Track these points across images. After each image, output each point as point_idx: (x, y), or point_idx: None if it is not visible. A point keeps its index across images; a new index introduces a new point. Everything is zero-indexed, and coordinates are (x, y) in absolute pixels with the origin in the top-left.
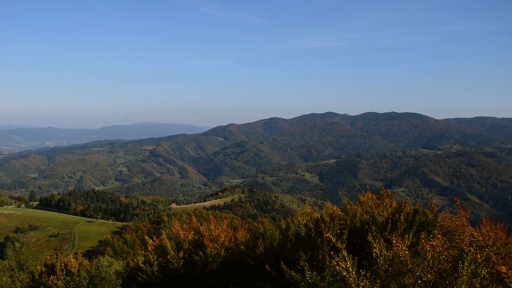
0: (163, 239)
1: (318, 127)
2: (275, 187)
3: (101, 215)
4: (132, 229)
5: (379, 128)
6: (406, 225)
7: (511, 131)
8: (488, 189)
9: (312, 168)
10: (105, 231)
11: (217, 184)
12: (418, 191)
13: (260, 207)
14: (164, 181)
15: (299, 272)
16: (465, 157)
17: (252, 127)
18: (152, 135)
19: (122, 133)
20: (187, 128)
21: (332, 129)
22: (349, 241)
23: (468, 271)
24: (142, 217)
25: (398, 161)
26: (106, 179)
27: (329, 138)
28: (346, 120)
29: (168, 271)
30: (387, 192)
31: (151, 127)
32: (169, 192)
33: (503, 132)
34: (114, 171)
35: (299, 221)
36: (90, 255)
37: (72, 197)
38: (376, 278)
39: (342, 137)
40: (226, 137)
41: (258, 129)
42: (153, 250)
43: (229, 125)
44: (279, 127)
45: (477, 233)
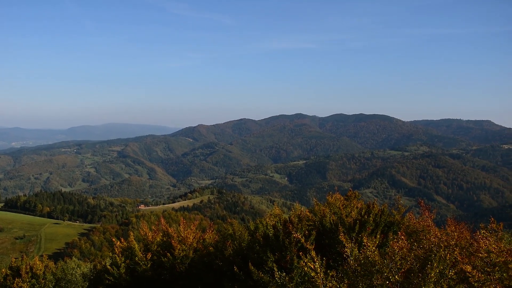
0: (131, 241)
1: (288, 129)
2: (244, 188)
3: (68, 216)
4: (100, 230)
5: (348, 130)
6: (374, 225)
7: (476, 133)
8: (454, 190)
9: (281, 169)
10: (72, 233)
11: (186, 185)
12: (386, 192)
13: (229, 208)
14: (132, 182)
15: (268, 273)
16: (431, 158)
17: (221, 128)
18: (121, 136)
19: (90, 134)
20: (156, 129)
21: (301, 131)
22: (317, 242)
23: (436, 271)
24: (110, 218)
25: (366, 162)
26: (73, 180)
27: (298, 139)
28: (315, 121)
29: (136, 273)
30: (355, 193)
31: (119, 128)
32: (137, 193)
33: (469, 134)
34: (81, 172)
35: (267, 222)
36: (57, 257)
37: (38, 199)
38: (345, 278)
39: (311, 138)
40: (195, 138)
41: (227, 130)
42: (121, 252)
43: (199, 126)
44: (249, 128)
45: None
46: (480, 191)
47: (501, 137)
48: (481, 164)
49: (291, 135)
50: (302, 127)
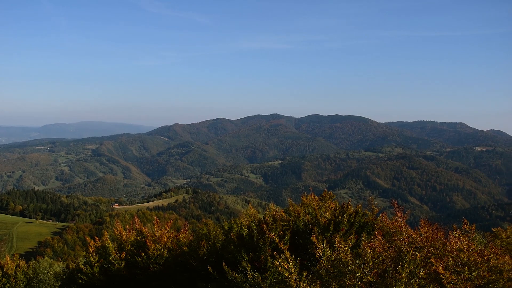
0: (105, 240)
1: (263, 129)
2: (219, 188)
3: (41, 215)
4: (73, 229)
5: (323, 131)
6: (348, 226)
7: (450, 135)
8: (427, 191)
9: (257, 169)
10: (45, 232)
11: (161, 185)
12: (360, 193)
13: (204, 208)
14: (107, 181)
15: (242, 273)
16: (406, 160)
17: (197, 127)
18: (95, 134)
19: (64, 132)
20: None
21: (277, 131)
22: (292, 242)
23: (407, 271)
24: (84, 217)
25: (341, 163)
26: (47, 178)
27: (274, 139)
28: (291, 122)
29: (110, 273)
30: (330, 194)
31: (94, 126)
32: (112, 192)
33: (443, 136)
34: (55, 171)
35: (242, 222)
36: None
37: (10, 197)
38: (318, 278)
39: (287, 138)
40: (171, 137)
41: (203, 129)
42: (94, 251)
43: (174, 125)
44: (225, 128)
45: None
46: (453, 193)
47: (474, 140)
48: (454, 166)
49: (267, 135)
50: (278, 127)
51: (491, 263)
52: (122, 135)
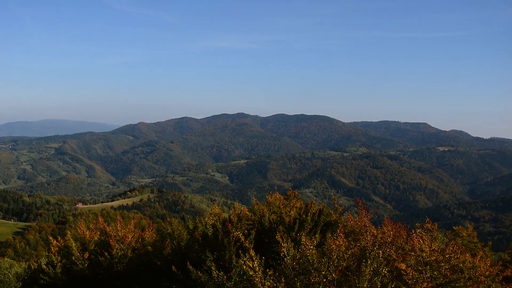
0: (68, 240)
1: (229, 128)
2: (185, 187)
3: (1, 215)
4: (36, 229)
5: (289, 130)
6: (312, 225)
7: (413, 135)
8: (391, 190)
9: (223, 169)
10: (6, 232)
11: (125, 184)
12: (325, 192)
13: (170, 207)
14: (70, 180)
15: (206, 272)
16: (370, 159)
17: (162, 126)
18: (59, 133)
19: (26, 130)
20: (96, 126)
21: (243, 130)
22: (257, 241)
23: (370, 269)
24: (46, 217)
25: (306, 163)
26: (8, 177)
27: (240, 138)
28: (257, 121)
29: (73, 273)
30: (294, 193)
31: (57, 124)
32: (75, 191)
33: (406, 135)
34: (17, 169)
35: (206, 222)
36: None
37: None
38: (283, 277)
39: (252, 138)
40: (136, 136)
41: (168, 128)
42: (57, 251)
43: (139, 123)
44: (190, 126)
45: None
46: (416, 192)
47: (437, 139)
48: (417, 166)
49: (232, 134)
50: (244, 126)
51: (452, 261)
52: (86, 134)
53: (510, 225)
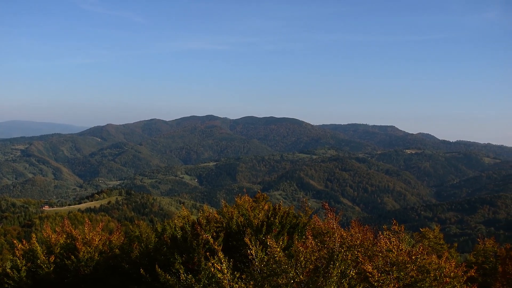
0: (33, 243)
1: (198, 130)
2: (153, 190)
3: None
4: (1, 232)
5: (258, 132)
6: (280, 227)
7: (381, 138)
8: (359, 192)
9: (192, 171)
10: None
11: (93, 186)
12: (294, 194)
13: (138, 210)
14: (36, 182)
15: (174, 275)
16: (339, 162)
17: (131, 128)
18: (25, 134)
19: None
20: (63, 128)
21: (212, 132)
22: (225, 243)
23: (338, 271)
24: (12, 220)
25: (276, 165)
26: None
27: (209, 141)
28: (226, 123)
29: (38, 277)
30: (263, 195)
31: (24, 126)
32: (42, 194)
33: (374, 138)
34: None
35: (175, 224)
36: None
37: None
38: (251, 279)
39: (222, 140)
40: (103, 138)
41: (137, 130)
42: (22, 254)
43: (107, 125)
44: (159, 128)
45: (346, 234)
46: (384, 194)
47: (404, 142)
48: (385, 168)
49: (202, 136)
50: (213, 128)
51: (418, 262)
52: (53, 135)
53: (476, 226)
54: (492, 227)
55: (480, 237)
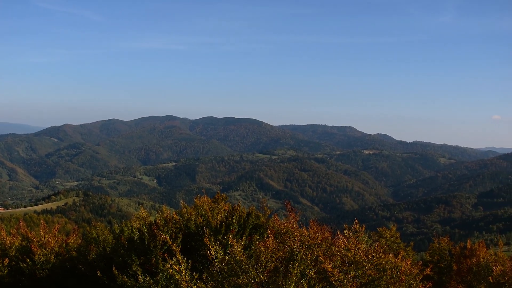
0: None
1: (157, 130)
2: (111, 191)
3: None
4: None
5: (218, 133)
6: (239, 228)
7: (340, 139)
8: (318, 192)
9: (151, 171)
10: None
11: (50, 187)
12: (254, 195)
13: (96, 211)
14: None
15: (132, 277)
16: (298, 162)
17: (88, 128)
18: None
19: None
20: (18, 128)
21: (172, 133)
22: (184, 244)
23: (297, 271)
24: None
25: (235, 165)
26: None
27: (168, 141)
28: (186, 124)
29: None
30: (222, 195)
31: None
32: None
33: (333, 139)
34: None
35: (133, 225)
36: None
37: None
38: (211, 279)
39: (181, 140)
40: (60, 138)
41: (95, 130)
42: None
43: (64, 125)
44: (117, 129)
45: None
46: (342, 194)
47: (362, 143)
48: (343, 168)
49: (161, 136)
50: (172, 129)
51: (375, 261)
52: (8, 135)
53: (432, 225)
54: (447, 226)
55: (435, 236)
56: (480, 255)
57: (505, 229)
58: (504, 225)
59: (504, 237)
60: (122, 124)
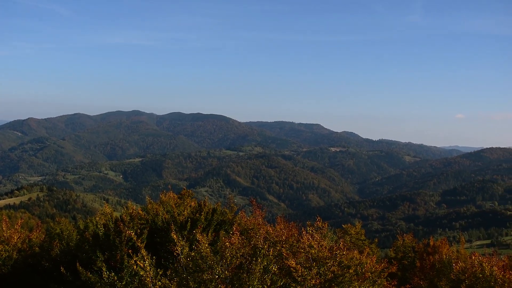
0: None
1: (124, 125)
2: (77, 186)
3: None
4: None
5: (185, 129)
6: (206, 224)
7: (307, 136)
8: (285, 189)
9: (117, 167)
10: None
11: (13, 182)
12: (221, 191)
13: (60, 207)
14: None
15: (96, 273)
16: (265, 159)
17: (53, 122)
18: None
19: None
20: None
21: (138, 128)
22: (150, 240)
23: (260, 267)
24: None
25: (202, 161)
26: None
27: (135, 136)
28: (153, 119)
29: None
30: (189, 191)
31: None
32: None
33: (300, 136)
34: None
35: (97, 221)
36: None
37: None
38: (176, 276)
39: (148, 136)
40: (24, 132)
41: (60, 124)
42: None
43: (28, 119)
44: (83, 123)
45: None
46: (309, 191)
47: (329, 140)
48: (310, 165)
49: (127, 132)
50: (139, 124)
51: (339, 258)
52: None
53: (396, 222)
54: (411, 223)
55: (399, 233)
56: (442, 252)
57: (468, 227)
58: (467, 222)
59: (466, 234)
60: (88, 118)
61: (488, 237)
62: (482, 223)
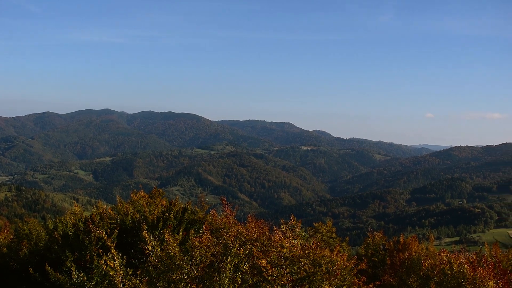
0: None
1: (94, 124)
2: (46, 185)
3: None
4: None
5: (156, 127)
6: (176, 223)
7: (279, 134)
8: (257, 188)
9: (87, 166)
10: None
11: None
12: (192, 190)
13: (29, 207)
14: None
15: (66, 273)
16: (237, 157)
17: (22, 121)
18: None
19: None
20: None
21: (109, 127)
22: (120, 240)
23: (231, 266)
24: None
25: (174, 160)
26: None
27: (105, 135)
28: (123, 118)
29: None
30: (159, 191)
31: None
32: None
33: (272, 135)
34: None
35: (67, 221)
36: None
37: None
38: (146, 275)
39: (118, 135)
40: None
41: (29, 123)
42: None
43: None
44: (53, 122)
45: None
46: (281, 189)
47: (301, 139)
48: (282, 164)
49: (97, 130)
50: (109, 123)
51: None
52: None
53: (367, 220)
54: (382, 221)
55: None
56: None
57: (437, 224)
58: (436, 220)
59: (436, 232)
60: (57, 117)
61: (457, 234)
62: (451, 221)
